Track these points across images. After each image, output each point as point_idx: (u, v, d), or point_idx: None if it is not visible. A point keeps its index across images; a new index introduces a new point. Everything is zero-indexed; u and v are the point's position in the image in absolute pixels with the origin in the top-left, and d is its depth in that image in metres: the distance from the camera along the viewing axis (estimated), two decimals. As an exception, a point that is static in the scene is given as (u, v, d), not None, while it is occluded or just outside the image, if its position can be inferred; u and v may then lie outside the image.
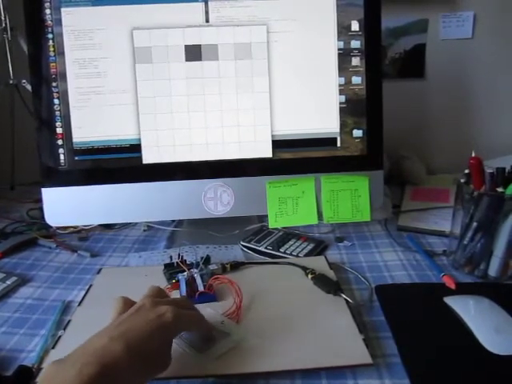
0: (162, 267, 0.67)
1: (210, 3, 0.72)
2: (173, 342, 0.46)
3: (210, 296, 0.60)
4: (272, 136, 0.75)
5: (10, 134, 1.04)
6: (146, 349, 0.41)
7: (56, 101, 0.72)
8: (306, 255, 0.73)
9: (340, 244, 0.78)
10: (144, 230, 0.86)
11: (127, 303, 0.47)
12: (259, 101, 0.74)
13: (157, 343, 0.43)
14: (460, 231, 0.67)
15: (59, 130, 0.73)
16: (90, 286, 0.65)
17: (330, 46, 0.74)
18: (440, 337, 0.53)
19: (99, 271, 0.70)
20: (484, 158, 0.66)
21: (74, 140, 0.73)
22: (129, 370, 0.39)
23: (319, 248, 0.76)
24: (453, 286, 0.63)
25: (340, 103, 0.75)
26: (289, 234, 0.80)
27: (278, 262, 0.70)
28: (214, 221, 0.77)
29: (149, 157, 0.74)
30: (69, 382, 0.36)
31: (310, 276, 0.64)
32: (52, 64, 0.72)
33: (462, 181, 0.67)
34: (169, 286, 0.62)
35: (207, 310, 0.56)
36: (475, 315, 0.56)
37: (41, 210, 0.76)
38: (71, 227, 0.85)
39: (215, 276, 0.62)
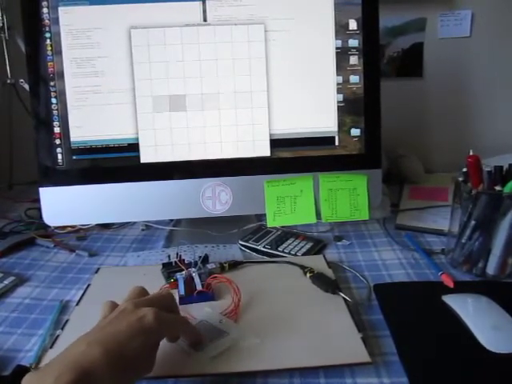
0: (161, 266, 0.67)
1: (207, 2, 0.72)
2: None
3: (209, 295, 0.60)
4: (270, 135, 0.75)
5: (8, 134, 1.04)
6: (126, 352, 0.40)
7: (54, 100, 0.72)
8: (305, 254, 0.73)
9: (338, 243, 0.78)
10: (142, 230, 0.86)
11: (113, 308, 0.47)
12: (257, 100, 0.74)
13: (138, 346, 0.41)
14: (458, 230, 0.67)
15: (57, 130, 0.73)
16: (88, 285, 0.65)
17: (327, 44, 0.74)
18: (438, 335, 0.53)
19: (97, 271, 0.70)
20: (482, 156, 0.66)
21: (72, 139, 0.73)
22: (109, 374, 0.38)
23: (317, 247, 0.76)
24: (451, 285, 0.63)
25: (338, 102, 0.75)
26: (287, 233, 0.80)
27: (277, 261, 0.70)
28: (212, 220, 0.77)
29: (147, 156, 0.74)
30: None
31: (308, 275, 0.64)
32: (50, 63, 0.72)
33: (460, 179, 0.67)
34: (167, 285, 0.62)
35: (205, 309, 0.56)
36: (473, 313, 0.56)
37: (39, 209, 0.76)
38: (69, 227, 0.85)
39: (213, 275, 0.62)
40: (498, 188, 0.63)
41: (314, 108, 0.75)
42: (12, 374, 0.48)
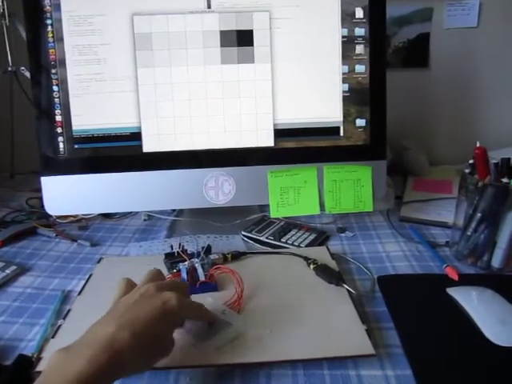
0: (163, 257, 0.67)
1: (211, -11, 0.70)
2: (175, 331, 0.46)
3: (211, 286, 0.60)
4: (274, 125, 0.74)
5: (9, 122, 1.03)
6: (151, 335, 0.42)
7: (55, 88, 0.71)
8: (308, 245, 0.73)
9: (342, 234, 0.78)
10: (144, 220, 0.86)
11: (130, 286, 0.48)
12: (261, 89, 0.73)
13: (161, 329, 0.43)
14: (463, 222, 0.67)
15: (58, 118, 0.72)
16: (90, 275, 0.65)
17: (333, 33, 0.72)
18: (443, 328, 0.53)
19: (99, 261, 0.69)
20: (488, 148, 0.65)
21: (74, 128, 0.72)
22: (137, 356, 0.40)
23: (321, 238, 0.75)
24: (456, 277, 0.62)
25: (343, 92, 0.74)
26: (290, 224, 0.80)
27: (280, 252, 0.70)
28: (214, 210, 0.76)
29: (149, 145, 0.73)
30: (79, 371, 0.36)
31: (311, 266, 0.63)
32: (51, 50, 0.71)
33: (467, 171, 0.66)
34: (169, 275, 0.62)
35: (208, 299, 0.56)
36: (478, 306, 0.55)
37: (40, 198, 0.76)
38: (71, 216, 0.85)
39: (216, 266, 0.62)
40: (504, 180, 0.62)
41: (319, 98, 0.74)
42: (14, 363, 0.48)
